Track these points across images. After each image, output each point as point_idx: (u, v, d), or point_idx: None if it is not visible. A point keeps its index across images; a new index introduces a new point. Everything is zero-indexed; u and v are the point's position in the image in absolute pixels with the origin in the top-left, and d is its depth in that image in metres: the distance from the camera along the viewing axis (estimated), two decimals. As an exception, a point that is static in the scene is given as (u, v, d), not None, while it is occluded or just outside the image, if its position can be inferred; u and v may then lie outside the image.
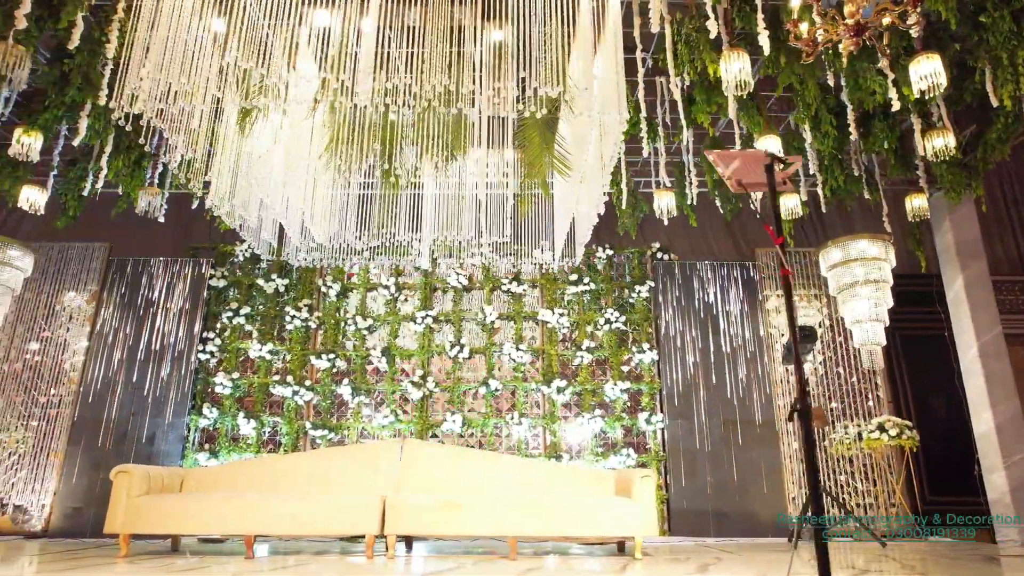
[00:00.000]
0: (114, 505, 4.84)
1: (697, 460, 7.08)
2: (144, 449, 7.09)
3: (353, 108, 4.86)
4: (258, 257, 7.85)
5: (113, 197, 7.54)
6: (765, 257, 7.84)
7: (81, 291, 7.67)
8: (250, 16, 4.53)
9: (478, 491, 5.31)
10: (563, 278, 7.67)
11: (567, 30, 4.39)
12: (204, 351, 7.47)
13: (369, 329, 7.53)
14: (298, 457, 5.67)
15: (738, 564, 4.36)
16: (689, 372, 7.39)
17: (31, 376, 7.38)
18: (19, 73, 4.05)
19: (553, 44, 4.31)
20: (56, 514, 6.85)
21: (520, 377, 7.40)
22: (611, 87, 4.03)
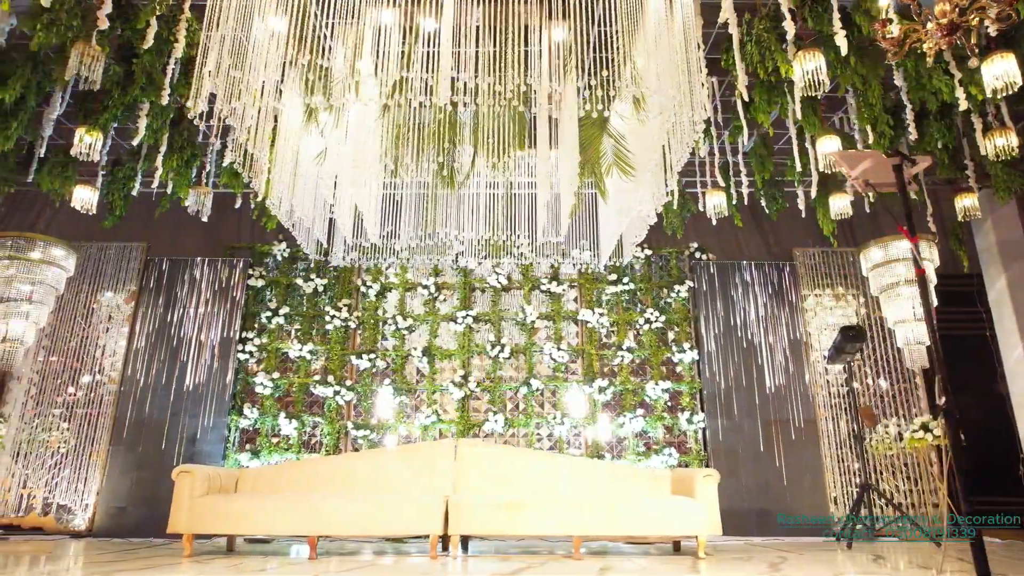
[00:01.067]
0: (177, 505, 4.84)
1: (739, 459, 7.08)
2: (186, 449, 7.09)
3: (418, 107, 4.87)
4: (296, 257, 7.86)
5: (149, 197, 7.56)
6: (803, 257, 7.85)
7: (119, 291, 7.66)
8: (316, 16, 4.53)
9: (537, 491, 5.32)
10: (602, 278, 7.67)
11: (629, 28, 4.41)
12: (243, 351, 7.47)
13: (409, 329, 7.53)
14: (352, 457, 5.67)
15: (805, 564, 4.37)
16: (729, 372, 7.40)
17: (71, 375, 7.37)
18: (95, 73, 4.04)
19: (622, 43, 4.32)
20: (100, 513, 6.84)
21: (561, 377, 7.40)
22: (684, 86, 4.03)
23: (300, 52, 4.51)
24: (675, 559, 4.71)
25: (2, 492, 6.93)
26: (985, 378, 7.26)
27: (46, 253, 6.76)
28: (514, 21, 4.64)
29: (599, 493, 5.25)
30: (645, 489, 5.43)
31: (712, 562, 4.50)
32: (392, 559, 4.88)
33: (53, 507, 6.92)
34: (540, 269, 7.74)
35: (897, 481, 7.06)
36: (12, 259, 6.64)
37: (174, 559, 4.74)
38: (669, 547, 5.59)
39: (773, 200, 6.60)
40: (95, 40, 3.95)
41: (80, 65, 3.99)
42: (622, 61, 4.54)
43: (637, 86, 4.33)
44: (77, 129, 4.92)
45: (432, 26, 4.68)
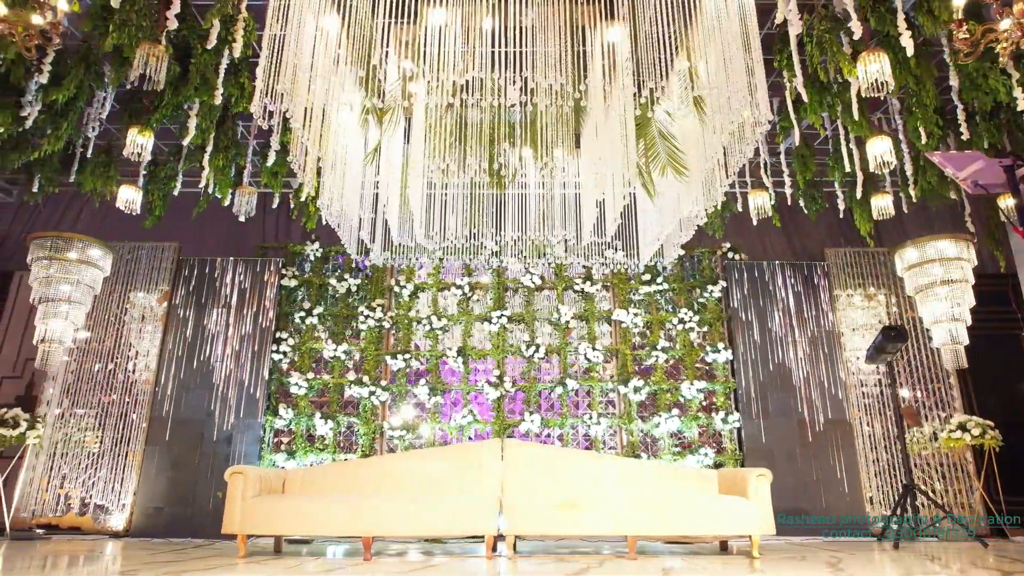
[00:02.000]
0: (230, 506, 4.84)
1: (774, 459, 7.08)
2: (222, 450, 7.09)
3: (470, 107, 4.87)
4: (327, 256, 7.86)
5: (180, 197, 7.54)
6: (835, 257, 7.86)
7: (152, 291, 7.66)
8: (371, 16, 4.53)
9: (583, 490, 5.32)
10: (635, 278, 7.68)
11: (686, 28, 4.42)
12: (277, 351, 7.47)
13: (443, 329, 7.53)
14: (399, 458, 5.67)
15: (863, 564, 4.37)
16: (763, 371, 7.41)
17: (106, 376, 7.37)
18: (160, 74, 4.04)
19: (678, 43, 4.33)
20: (137, 514, 6.84)
21: (596, 377, 7.41)
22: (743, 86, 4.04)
23: (355, 52, 4.51)
24: (731, 559, 4.71)
25: (40, 492, 6.94)
26: (1018, 378, 7.27)
27: (84, 253, 6.76)
28: (567, 21, 4.65)
29: (648, 493, 5.25)
30: (692, 489, 5.43)
31: (769, 562, 4.50)
32: (446, 559, 4.88)
33: (90, 507, 6.92)
34: (573, 269, 7.75)
35: (933, 481, 7.07)
36: (51, 259, 6.64)
37: (229, 559, 4.73)
38: (714, 546, 5.60)
39: (813, 200, 6.60)
40: (161, 41, 3.94)
41: (145, 65, 3.99)
42: (673, 60, 4.56)
43: (695, 86, 4.33)
44: (129, 129, 4.91)
45: (487, 25, 4.69)
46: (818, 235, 8.10)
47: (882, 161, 4.91)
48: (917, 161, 5.69)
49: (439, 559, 4.83)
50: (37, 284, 6.65)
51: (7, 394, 8.03)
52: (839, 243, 7.94)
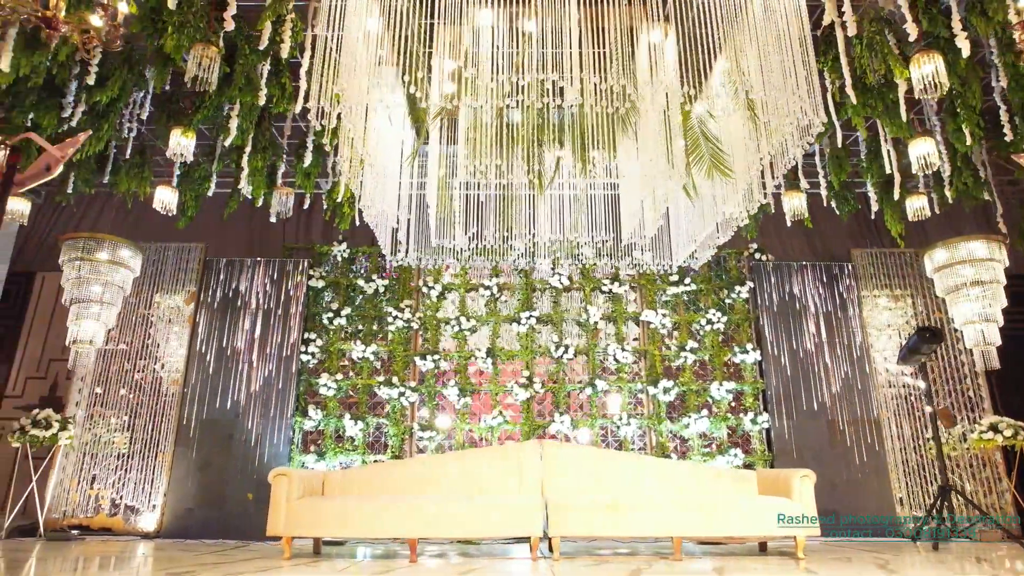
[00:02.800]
0: (275, 508, 4.84)
1: (804, 460, 7.08)
2: (251, 451, 7.08)
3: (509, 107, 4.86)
4: (354, 257, 7.85)
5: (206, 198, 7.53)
6: (861, 258, 7.87)
7: (179, 292, 7.65)
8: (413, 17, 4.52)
9: (623, 491, 5.32)
10: (663, 279, 7.69)
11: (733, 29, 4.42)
12: (305, 352, 7.46)
13: (471, 330, 7.53)
14: (438, 459, 5.67)
15: (912, 565, 4.38)
16: (792, 372, 7.41)
17: (134, 376, 7.36)
18: (212, 75, 4.03)
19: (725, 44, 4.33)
20: (168, 515, 6.83)
21: (624, 378, 7.41)
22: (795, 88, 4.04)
23: (399, 53, 4.50)
24: (777, 560, 4.71)
25: (70, 493, 6.93)
26: (1047, 378, 7.27)
27: (115, 254, 6.76)
28: (613, 22, 4.64)
29: (690, 494, 5.25)
30: (731, 490, 5.44)
31: (816, 563, 4.51)
32: (490, 561, 4.88)
33: (121, 508, 6.91)
34: (600, 270, 7.74)
35: (963, 482, 7.08)
36: (83, 260, 6.63)
37: (274, 561, 4.73)
38: (752, 547, 5.60)
39: (845, 201, 6.61)
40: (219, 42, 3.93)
41: (198, 67, 3.99)
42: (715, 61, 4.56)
43: (744, 87, 4.33)
44: (171, 131, 4.90)
45: (531, 28, 4.69)
46: (838, 236, 8.09)
47: (926, 162, 4.91)
48: (954, 162, 5.69)
49: (483, 561, 4.83)
50: (69, 285, 6.64)
51: (32, 394, 8.01)
52: (862, 244, 7.95)
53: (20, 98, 4.84)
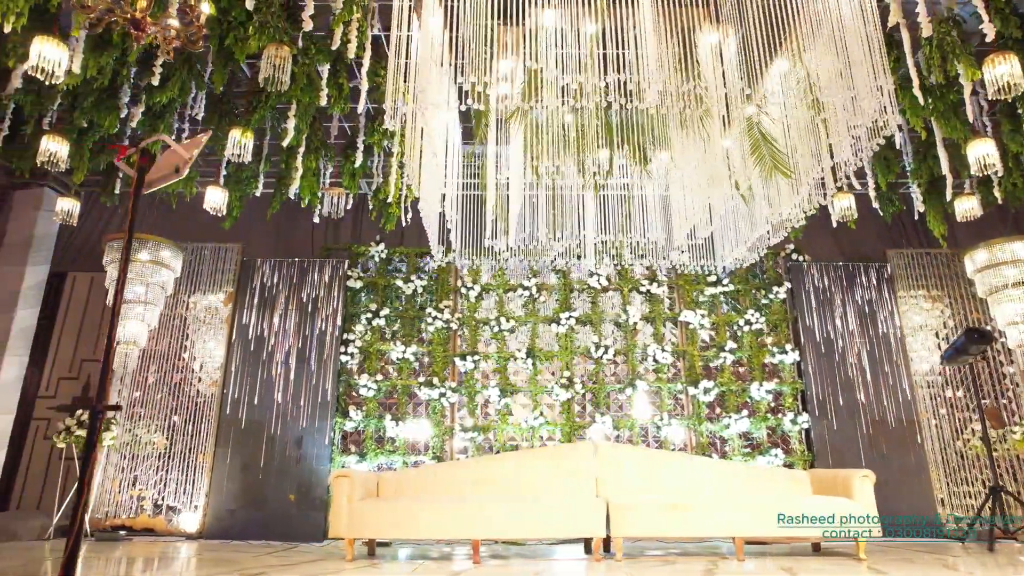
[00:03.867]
0: (336, 510, 4.83)
1: (844, 460, 7.09)
2: (292, 452, 7.06)
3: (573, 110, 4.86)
4: (390, 258, 7.84)
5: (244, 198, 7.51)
6: (898, 258, 7.88)
7: (217, 292, 7.63)
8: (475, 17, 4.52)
9: (677, 491, 5.32)
10: (700, 279, 7.69)
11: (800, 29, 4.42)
12: (345, 352, 7.45)
13: (510, 330, 7.52)
14: (492, 460, 5.67)
15: (981, 566, 4.39)
16: (831, 372, 7.41)
17: (173, 377, 7.35)
18: (285, 75, 4.02)
19: (796, 46, 4.33)
20: (209, 516, 6.81)
21: (664, 379, 7.41)
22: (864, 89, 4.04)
23: (458, 53, 4.50)
24: (840, 561, 4.72)
25: (112, 493, 6.91)
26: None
27: (159, 254, 6.74)
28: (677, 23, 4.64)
29: (748, 494, 5.25)
30: (784, 489, 5.44)
31: (879, 563, 4.52)
32: (552, 562, 4.88)
33: (163, 509, 6.90)
34: (637, 270, 7.74)
35: (1006, 483, 7.08)
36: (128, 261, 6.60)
37: (336, 563, 4.73)
38: (803, 547, 5.60)
39: (889, 203, 6.62)
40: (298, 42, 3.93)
41: (269, 67, 3.98)
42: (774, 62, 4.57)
43: (808, 88, 4.34)
44: (231, 131, 4.89)
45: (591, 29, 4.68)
46: (867, 236, 8.09)
47: (984, 163, 4.92)
48: (1006, 162, 5.70)
49: (546, 563, 4.83)
50: (113, 287, 6.61)
51: (64, 395, 8.00)
52: (893, 244, 7.97)
53: (80, 99, 4.82)
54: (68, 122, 4.89)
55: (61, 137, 4.79)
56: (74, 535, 2.03)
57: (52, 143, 4.79)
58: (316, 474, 6.94)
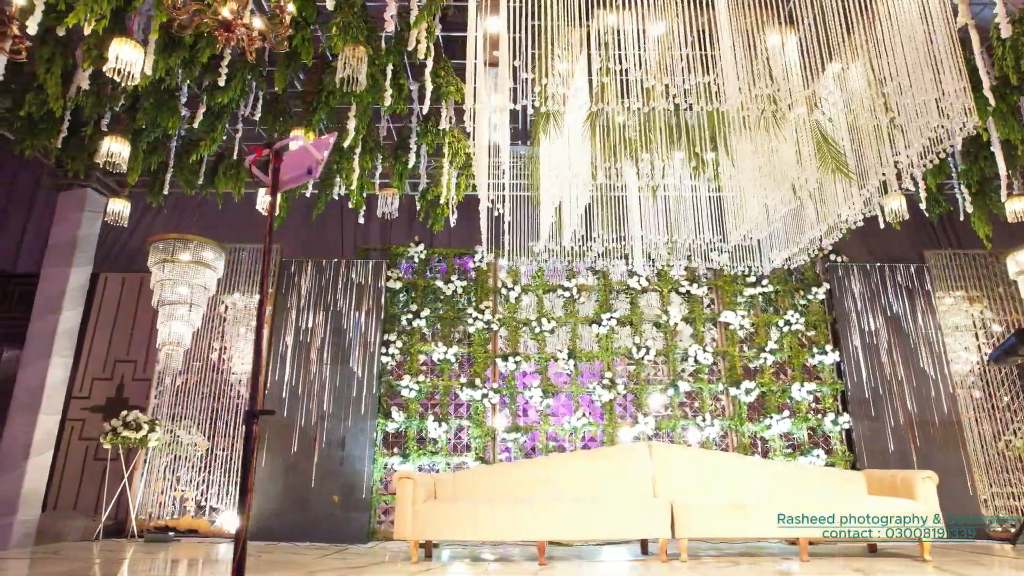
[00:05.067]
0: (401, 512, 4.83)
1: (886, 461, 7.09)
2: (335, 453, 7.04)
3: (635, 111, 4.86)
4: (428, 259, 7.84)
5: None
6: (935, 258, 7.89)
7: (256, 292, 7.62)
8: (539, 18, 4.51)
9: (732, 491, 5.32)
10: (740, 279, 7.70)
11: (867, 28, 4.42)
12: (386, 353, 7.44)
13: (551, 331, 7.52)
14: (548, 460, 5.66)
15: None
16: (871, 373, 7.42)
17: (214, 378, 7.34)
18: (361, 74, 4.01)
19: (864, 45, 4.34)
20: (253, 517, 6.79)
21: (705, 379, 7.41)
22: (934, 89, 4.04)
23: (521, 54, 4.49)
24: (904, 563, 4.72)
25: (156, 495, 6.90)
26: None
27: (203, 255, 6.73)
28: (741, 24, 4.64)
29: (808, 495, 5.25)
30: (840, 490, 5.45)
31: (947, 564, 4.52)
32: (620, 564, 4.88)
33: (206, 510, 6.89)
34: (676, 271, 7.75)
35: (1044, 482, 7.10)
36: (171, 262, 6.60)
37: (402, 565, 4.73)
38: (858, 548, 5.61)
39: (936, 203, 6.63)
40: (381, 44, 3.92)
41: (347, 67, 3.97)
42: (834, 61, 4.57)
43: (878, 89, 4.34)
44: (294, 131, 4.89)
45: (658, 31, 4.68)
46: (898, 236, 8.08)
47: (1046, 165, 4.94)
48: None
49: (612, 564, 4.83)
50: (158, 288, 6.61)
51: (98, 396, 7.99)
52: (930, 245, 7.99)
53: (141, 100, 4.81)
54: (125, 123, 4.87)
55: (122, 138, 4.78)
56: (241, 545, 2.02)
57: (114, 144, 4.78)
58: (359, 475, 6.93)
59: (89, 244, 6.90)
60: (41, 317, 6.53)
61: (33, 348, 6.44)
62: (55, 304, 6.55)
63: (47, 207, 9.07)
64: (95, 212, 6.94)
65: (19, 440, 6.13)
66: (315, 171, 2.25)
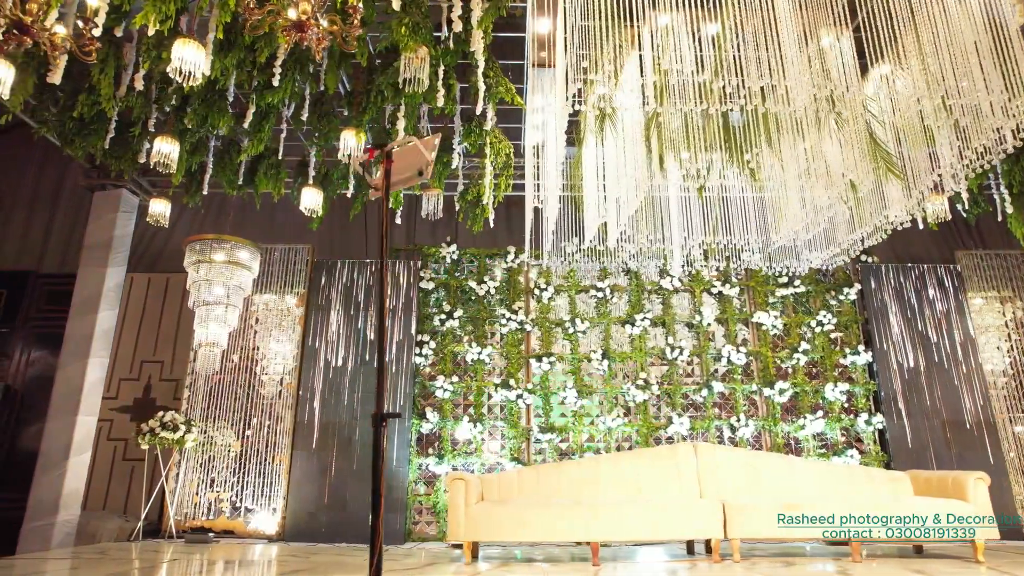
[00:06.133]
0: (454, 514, 4.82)
1: (921, 461, 7.09)
2: (370, 454, 7.01)
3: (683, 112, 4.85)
4: (460, 259, 7.83)
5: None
6: (966, 259, 7.89)
7: (288, 293, 7.61)
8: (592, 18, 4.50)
9: (777, 492, 5.31)
10: (772, 280, 7.70)
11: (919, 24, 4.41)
12: (419, 354, 7.43)
13: (583, 332, 7.51)
14: (593, 461, 5.65)
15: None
16: (904, 373, 7.42)
17: (248, 379, 7.32)
18: (424, 74, 4.00)
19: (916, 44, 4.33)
20: (289, 518, 6.78)
21: (738, 379, 7.41)
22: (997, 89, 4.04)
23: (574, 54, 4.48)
24: (959, 564, 4.71)
25: (191, 495, 6.89)
26: None
27: (239, 255, 6.72)
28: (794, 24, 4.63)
29: (847, 494, 5.26)
30: (887, 490, 5.44)
31: (1000, 565, 4.52)
32: (668, 564, 4.88)
33: (241, 511, 6.88)
34: (709, 272, 7.74)
35: (1080, 482, 7.10)
36: (208, 262, 6.58)
37: (455, 565, 4.72)
38: (902, 549, 5.60)
39: (975, 204, 6.64)
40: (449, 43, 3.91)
41: (408, 70, 3.96)
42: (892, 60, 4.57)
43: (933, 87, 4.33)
44: (344, 131, 4.87)
45: (712, 31, 4.67)
46: (920, 237, 8.07)
47: (1095, 165, 4.94)
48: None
49: (669, 564, 4.82)
50: (195, 288, 6.59)
51: (126, 396, 7.99)
52: (957, 245, 8.01)
53: (191, 100, 4.80)
54: (174, 124, 4.86)
55: (172, 138, 4.77)
56: (378, 550, 2.01)
57: (165, 144, 4.77)
58: (395, 476, 6.92)
59: (124, 244, 6.89)
60: (79, 317, 6.51)
61: (71, 349, 6.43)
62: (92, 304, 6.54)
63: (70, 207, 9.07)
64: (129, 212, 6.93)
65: (59, 440, 6.12)
66: (426, 172, 2.24)
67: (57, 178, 9.29)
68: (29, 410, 8.22)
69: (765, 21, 4.26)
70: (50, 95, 5.10)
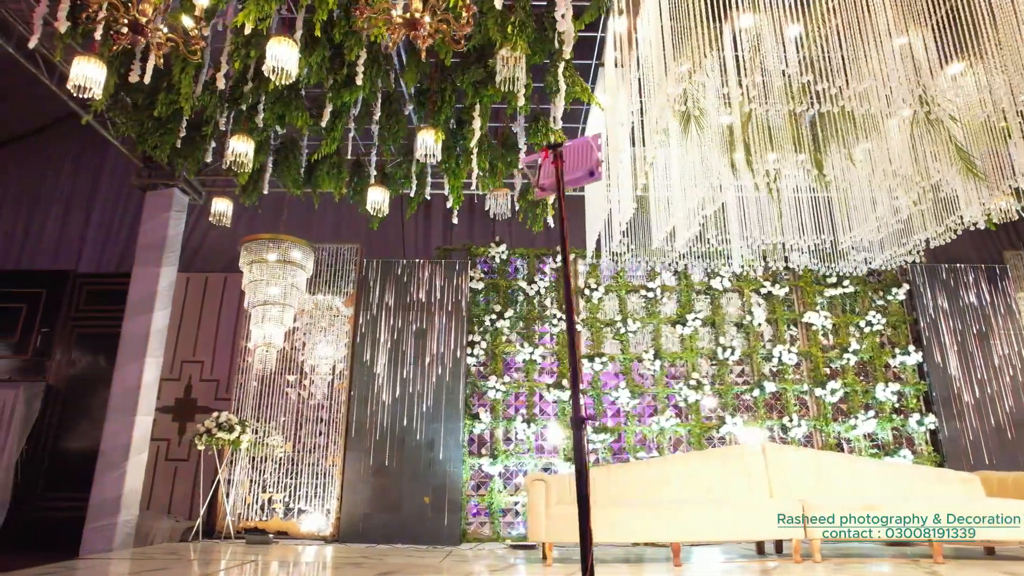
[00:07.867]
0: (534, 515, 4.81)
1: (974, 462, 7.09)
2: (423, 454, 7.00)
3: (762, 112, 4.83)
4: (508, 259, 7.81)
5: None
6: (1014, 259, 7.89)
7: (339, 293, 7.58)
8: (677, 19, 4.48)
9: (845, 491, 5.30)
10: (821, 280, 7.69)
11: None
12: (471, 355, 7.41)
13: (634, 332, 7.49)
14: (661, 462, 5.63)
15: None
16: (955, 373, 7.41)
17: (299, 380, 7.29)
18: (520, 72, 3.98)
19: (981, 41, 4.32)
20: (344, 519, 6.75)
21: (790, 380, 7.40)
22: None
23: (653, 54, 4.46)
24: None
25: (244, 496, 6.86)
26: None
27: (292, 255, 6.69)
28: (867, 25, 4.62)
29: (922, 495, 5.24)
30: (960, 491, 5.43)
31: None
32: (749, 563, 4.86)
33: (295, 512, 6.85)
34: (757, 272, 7.73)
35: None
36: (262, 262, 6.56)
37: (537, 568, 4.70)
38: (971, 550, 5.59)
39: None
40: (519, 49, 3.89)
41: (505, 67, 3.94)
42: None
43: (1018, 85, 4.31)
44: (420, 132, 4.84)
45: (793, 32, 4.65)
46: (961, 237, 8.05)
47: None
48: None
49: (749, 564, 4.81)
50: (251, 289, 6.56)
51: (167, 396, 7.95)
52: (1002, 245, 8.01)
53: (266, 98, 4.77)
54: (249, 120, 4.83)
55: (248, 137, 4.74)
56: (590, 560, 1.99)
57: (240, 143, 4.74)
58: (450, 477, 6.90)
59: (175, 244, 6.86)
60: (134, 317, 6.48)
61: (127, 349, 6.39)
62: (147, 304, 6.51)
63: (107, 206, 9.04)
64: (180, 212, 6.90)
65: (119, 440, 6.09)
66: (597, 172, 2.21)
67: (93, 177, 9.26)
68: (71, 410, 8.20)
69: (850, 20, 4.24)
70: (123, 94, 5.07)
